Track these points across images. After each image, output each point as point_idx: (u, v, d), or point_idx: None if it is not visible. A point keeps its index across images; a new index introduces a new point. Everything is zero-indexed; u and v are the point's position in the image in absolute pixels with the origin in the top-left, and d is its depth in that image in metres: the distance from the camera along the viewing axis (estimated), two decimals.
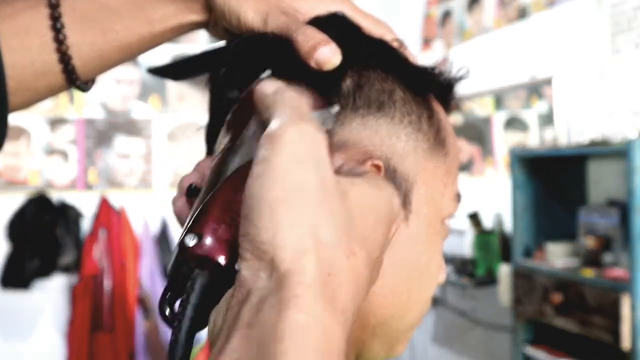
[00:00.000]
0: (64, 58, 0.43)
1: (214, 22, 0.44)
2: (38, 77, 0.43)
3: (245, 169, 0.29)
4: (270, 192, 0.26)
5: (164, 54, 0.76)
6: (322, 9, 0.42)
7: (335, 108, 0.36)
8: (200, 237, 0.27)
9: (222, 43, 0.46)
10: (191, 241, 0.27)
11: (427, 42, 3.30)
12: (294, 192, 0.26)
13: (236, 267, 0.26)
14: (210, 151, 0.45)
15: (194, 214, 0.28)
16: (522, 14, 2.61)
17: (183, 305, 0.26)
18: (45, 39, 0.42)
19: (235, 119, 0.35)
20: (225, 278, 0.26)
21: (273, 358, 0.22)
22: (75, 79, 0.44)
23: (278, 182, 0.26)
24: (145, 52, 0.46)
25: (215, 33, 0.45)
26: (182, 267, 0.27)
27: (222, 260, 0.27)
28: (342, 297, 0.25)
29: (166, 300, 0.28)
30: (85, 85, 0.46)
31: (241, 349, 0.23)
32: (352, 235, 0.27)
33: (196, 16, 0.44)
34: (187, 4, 0.44)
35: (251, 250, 0.25)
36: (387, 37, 0.43)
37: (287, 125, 0.28)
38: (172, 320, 0.27)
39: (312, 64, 0.38)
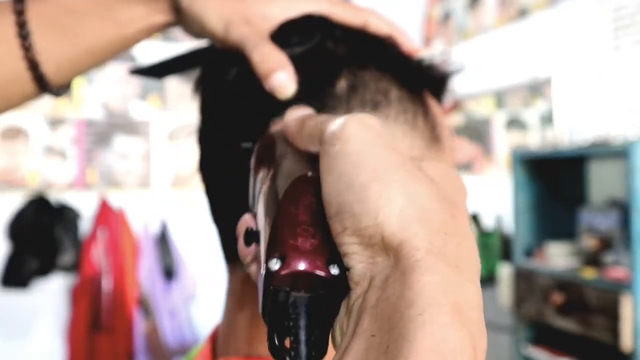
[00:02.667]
0: (33, 65, 0.42)
1: (182, 22, 0.43)
2: (9, 85, 0.43)
3: (294, 185, 0.28)
4: (359, 177, 0.24)
5: (161, 53, 0.75)
6: (296, 11, 0.41)
7: None
8: (284, 257, 0.24)
9: (202, 44, 0.46)
10: (275, 265, 0.24)
11: (427, 42, 3.29)
12: (380, 169, 0.25)
13: (333, 271, 0.24)
14: (202, 154, 0.44)
15: (267, 243, 0.26)
16: (523, 13, 2.60)
17: (294, 333, 0.24)
18: (13, 46, 0.42)
19: (261, 159, 0.33)
20: (325, 290, 0.25)
21: (408, 323, 0.20)
22: (46, 85, 0.43)
23: (361, 166, 0.25)
24: (118, 54, 0.45)
25: (188, 31, 0.44)
26: (277, 297, 0.25)
27: (316, 270, 0.24)
28: (464, 257, 0.23)
29: (276, 343, 0.24)
30: (58, 90, 0.45)
31: (372, 328, 0.21)
32: (447, 200, 0.26)
33: (165, 17, 0.43)
34: (155, 4, 0.43)
35: (357, 241, 0.24)
36: (373, 23, 0.42)
37: (346, 119, 0.27)
38: (287, 356, 0.24)
39: (267, 88, 0.37)
